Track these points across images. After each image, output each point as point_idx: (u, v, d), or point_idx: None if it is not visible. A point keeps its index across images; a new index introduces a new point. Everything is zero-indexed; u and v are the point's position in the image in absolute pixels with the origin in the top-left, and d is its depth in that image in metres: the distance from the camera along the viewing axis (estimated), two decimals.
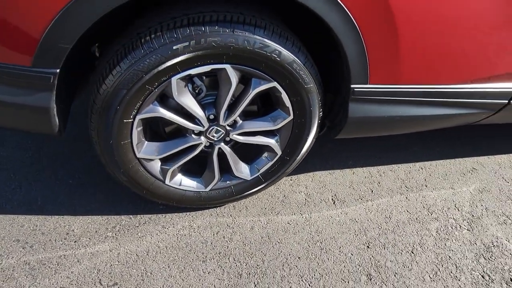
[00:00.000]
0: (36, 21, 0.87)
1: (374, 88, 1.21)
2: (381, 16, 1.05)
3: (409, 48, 1.15)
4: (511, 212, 1.65)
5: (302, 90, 1.17)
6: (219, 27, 0.99)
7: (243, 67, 1.08)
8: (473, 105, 1.41)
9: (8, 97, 0.99)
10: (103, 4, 0.87)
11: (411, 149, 1.94)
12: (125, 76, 1.00)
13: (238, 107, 1.18)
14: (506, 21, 1.18)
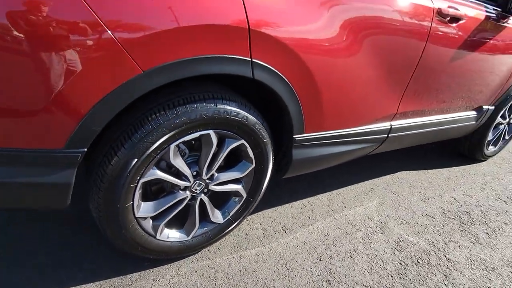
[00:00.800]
0: (76, 111, 1.05)
1: (308, 136, 1.66)
2: (310, 87, 1.51)
3: (327, 107, 1.64)
4: (404, 215, 2.25)
5: (262, 143, 1.54)
6: (206, 103, 1.31)
7: (222, 131, 1.40)
8: (368, 140, 1.98)
9: (30, 178, 1.10)
10: (131, 95, 1.11)
11: (325, 181, 2.45)
12: (136, 148, 1.22)
13: (215, 163, 1.48)
14: (379, 85, 1.79)
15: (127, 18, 1.02)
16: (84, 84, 1.03)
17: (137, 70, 1.08)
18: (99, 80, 1.05)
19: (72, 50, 0.99)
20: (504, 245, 2.16)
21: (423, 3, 1.74)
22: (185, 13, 1.10)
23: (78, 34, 0.97)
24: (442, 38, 1.89)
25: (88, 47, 1.00)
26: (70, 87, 1.02)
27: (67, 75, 1.01)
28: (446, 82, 2.14)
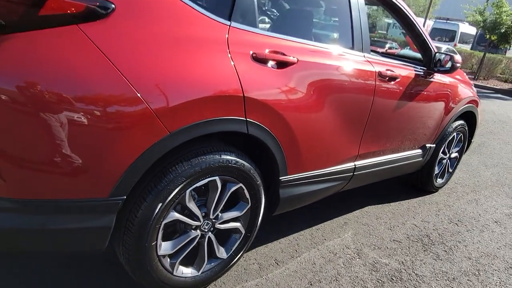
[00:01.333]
0: (119, 166, 1.35)
1: (291, 177, 2.02)
2: (290, 138, 1.90)
3: (304, 153, 2.02)
4: (376, 242, 2.60)
5: (256, 185, 1.87)
6: (213, 155, 1.64)
7: (225, 176, 1.73)
8: (339, 178, 2.38)
9: (80, 224, 1.35)
10: (161, 151, 1.43)
11: (305, 219, 2.78)
12: (161, 194, 1.51)
13: (220, 204, 1.78)
14: (342, 133, 2.23)
15: (157, 92, 1.38)
16: (127, 145, 1.35)
17: (164, 132, 1.42)
18: (138, 141, 1.37)
19: (117, 117, 1.31)
20: (460, 259, 2.55)
21: (367, 69, 2.26)
22: (198, 87, 1.48)
23: (121, 105, 1.31)
24: (385, 93, 2.40)
25: (130, 115, 1.33)
26: (116, 147, 1.33)
27: (114, 139, 1.32)
28: (394, 127, 2.64)
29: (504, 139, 6.38)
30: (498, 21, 14.19)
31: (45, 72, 1.19)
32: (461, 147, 3.69)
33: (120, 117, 1.31)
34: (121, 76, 1.29)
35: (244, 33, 1.68)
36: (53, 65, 1.20)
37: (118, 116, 1.30)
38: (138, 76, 1.33)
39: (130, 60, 1.32)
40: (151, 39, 1.39)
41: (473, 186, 3.98)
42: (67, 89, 1.22)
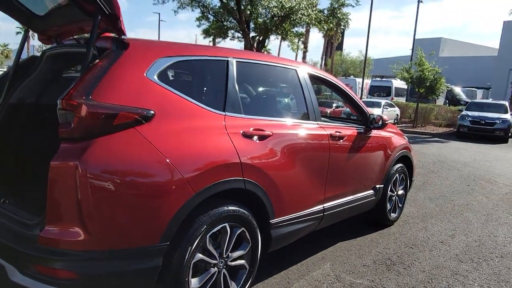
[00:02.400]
0: (164, 220, 1.91)
1: (278, 220, 2.64)
2: (274, 190, 2.55)
3: (284, 200, 2.66)
4: (350, 268, 3.20)
5: (253, 228, 2.46)
6: (223, 207, 2.24)
7: (232, 222, 2.32)
8: (313, 219, 3.02)
9: (139, 266, 1.86)
10: (191, 206, 2.02)
11: (289, 257, 3.33)
12: (191, 239, 2.06)
13: (230, 245, 2.35)
14: (310, 182, 2.92)
15: (186, 165, 2.01)
16: (170, 204, 1.94)
17: (192, 193, 2.03)
18: (176, 200, 1.97)
19: (164, 186, 1.92)
20: (416, 273, 3.20)
21: (322, 133, 3.05)
22: (211, 159, 2.14)
23: (166, 177, 1.92)
24: (337, 149, 3.19)
25: (171, 183, 1.94)
26: (163, 207, 1.92)
27: (163, 201, 1.92)
28: (349, 174, 3.40)
29: (443, 176, 7.43)
30: (422, 77, 16.45)
31: (120, 159, 1.81)
32: (405, 185, 4.52)
33: (165, 185, 1.92)
34: (164, 157, 1.93)
35: (234, 119, 2.40)
36: (123, 154, 1.82)
37: (164, 185, 1.92)
38: (174, 156, 1.97)
39: (168, 145, 1.97)
40: (178, 130, 2.06)
41: (421, 217, 4.76)
42: (133, 168, 1.83)
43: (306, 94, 3.08)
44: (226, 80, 2.44)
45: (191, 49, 2.44)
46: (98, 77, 1.85)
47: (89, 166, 1.74)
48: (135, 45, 2.08)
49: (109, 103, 1.83)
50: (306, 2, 12.19)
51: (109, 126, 1.81)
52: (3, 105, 2.63)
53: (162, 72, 2.11)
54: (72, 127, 1.75)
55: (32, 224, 1.91)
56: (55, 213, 1.77)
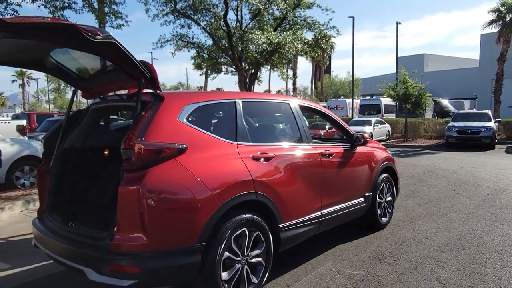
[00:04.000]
0: (200, 225, 2.55)
1: (284, 224, 3.28)
2: (279, 200, 3.21)
3: (288, 208, 3.31)
4: (349, 264, 3.81)
5: (266, 231, 3.09)
6: (241, 215, 2.89)
7: (249, 227, 2.95)
8: (313, 223, 3.66)
9: (183, 261, 2.48)
10: (219, 213, 2.67)
11: (295, 259, 3.93)
12: (221, 240, 2.69)
13: (249, 246, 2.97)
14: (309, 192, 3.58)
15: (213, 184, 2.68)
16: (204, 213, 2.59)
17: (218, 204, 2.69)
18: (209, 210, 2.62)
19: (200, 199, 2.58)
20: (404, 262, 3.81)
21: (314, 152, 3.74)
22: (231, 177, 2.81)
23: (201, 193, 2.59)
24: (328, 165, 3.87)
25: (204, 197, 2.60)
26: (200, 215, 2.57)
27: (200, 211, 2.57)
28: (340, 185, 4.07)
29: (432, 184, 8.10)
30: (408, 94, 17.41)
31: (168, 182, 2.49)
32: (392, 192, 5.18)
33: (200, 199, 2.59)
34: (197, 178, 2.61)
35: (244, 146, 3.09)
36: (170, 178, 2.50)
37: (199, 199, 2.58)
38: (204, 177, 2.65)
39: (199, 170, 2.65)
40: (205, 158, 2.75)
41: (410, 220, 5.39)
42: (177, 188, 2.52)
43: (298, 122, 3.79)
44: (235, 117, 3.15)
45: (208, 95, 3.17)
46: (147, 123, 2.55)
47: (147, 188, 2.41)
48: (168, 97, 2.80)
49: (156, 142, 2.52)
50: (291, 37, 13.27)
51: (158, 158, 2.50)
52: (59, 149, 3.31)
53: (189, 115, 2.82)
54: (133, 161, 2.43)
55: (102, 236, 2.55)
56: (123, 225, 2.42)
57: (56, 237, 2.90)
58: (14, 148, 7.70)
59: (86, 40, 2.30)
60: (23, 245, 4.49)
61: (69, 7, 8.69)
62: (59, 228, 2.97)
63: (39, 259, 3.88)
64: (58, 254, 2.82)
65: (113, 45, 2.43)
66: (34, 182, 7.95)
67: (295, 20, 14.93)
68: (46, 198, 3.30)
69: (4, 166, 7.45)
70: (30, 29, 2.18)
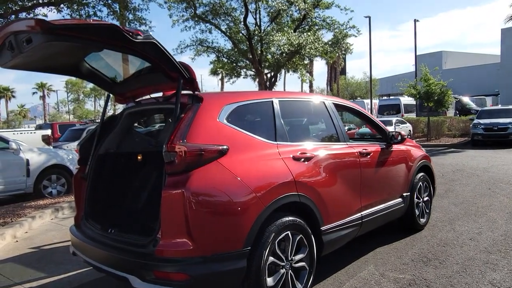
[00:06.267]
0: (245, 229, 2.45)
1: (326, 227, 3.15)
2: (321, 201, 3.08)
3: (329, 209, 3.18)
4: (392, 267, 3.64)
5: (308, 234, 2.96)
6: (286, 217, 2.77)
7: (292, 230, 2.83)
8: (354, 225, 3.51)
9: (231, 266, 2.37)
10: (264, 216, 2.56)
11: (336, 264, 3.79)
12: (264, 245, 2.57)
13: (292, 250, 2.85)
14: (348, 193, 3.44)
15: (257, 185, 2.58)
16: (248, 216, 2.49)
17: (262, 206, 2.58)
18: (253, 213, 2.51)
19: (244, 202, 2.48)
20: (451, 265, 3.62)
21: (352, 151, 3.61)
22: (274, 178, 2.71)
23: (245, 195, 2.49)
24: (366, 164, 3.73)
25: (248, 200, 2.50)
26: (245, 219, 2.47)
27: (244, 215, 2.47)
28: (378, 184, 3.91)
29: (464, 183, 7.81)
30: (430, 92, 17.01)
31: (211, 184, 2.40)
32: (429, 192, 4.97)
33: (244, 201, 2.49)
34: (241, 180, 2.51)
35: (284, 146, 2.99)
36: (213, 180, 2.42)
37: (244, 201, 2.48)
38: (247, 179, 2.55)
39: (242, 171, 2.55)
40: (246, 159, 2.65)
41: (448, 220, 5.17)
42: (222, 190, 2.43)
43: (334, 120, 3.67)
44: (273, 116, 3.05)
45: (245, 95, 3.08)
46: (188, 125, 2.47)
47: (192, 191, 2.32)
48: (207, 98, 2.72)
49: (198, 144, 2.44)
50: (312, 37, 13.15)
51: (200, 160, 2.41)
52: (94, 156, 3.28)
53: (228, 115, 2.73)
54: (175, 164, 2.35)
55: (145, 242, 2.48)
56: (168, 230, 2.34)
57: (96, 244, 2.84)
58: (41, 158, 7.81)
59: (127, 41, 2.25)
60: (57, 253, 4.48)
61: (95, 15, 8.84)
62: (98, 235, 2.92)
63: (74, 267, 3.85)
64: (99, 261, 2.76)
65: (153, 46, 2.37)
66: (61, 191, 8.05)
67: (314, 21, 14.81)
68: (82, 205, 3.26)
69: (32, 176, 7.56)
70: (73, 31, 2.14)
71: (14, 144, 7.39)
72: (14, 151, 7.35)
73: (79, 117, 48.94)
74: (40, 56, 2.60)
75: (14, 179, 7.33)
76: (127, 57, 2.91)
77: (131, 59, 2.89)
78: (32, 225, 5.67)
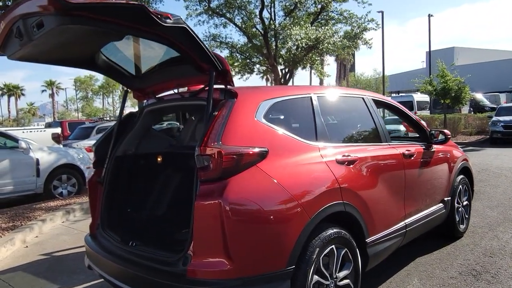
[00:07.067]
0: (288, 247, 2.10)
1: (371, 239, 2.80)
2: (365, 210, 2.72)
3: (374, 219, 2.83)
4: (438, 282, 3.27)
5: (354, 248, 2.61)
6: (329, 229, 2.43)
7: (337, 244, 2.48)
8: (398, 235, 3.15)
9: None
10: (309, 230, 2.21)
11: (376, 278, 3.43)
12: (308, 261, 2.23)
13: (337, 266, 2.50)
14: (392, 200, 3.08)
15: (300, 194, 2.23)
16: (292, 231, 2.15)
17: (307, 218, 2.24)
18: (296, 227, 2.17)
19: (286, 214, 2.14)
20: (506, 280, 3.24)
21: (395, 152, 3.24)
22: (318, 186, 2.36)
23: (287, 204, 2.15)
24: (410, 166, 3.36)
25: (292, 210, 2.16)
26: (288, 234, 2.13)
27: (287, 230, 2.13)
28: (422, 189, 3.54)
29: (493, 184, 7.38)
30: (447, 88, 16.48)
31: (251, 194, 2.06)
32: (468, 196, 4.58)
33: (288, 213, 2.14)
34: (283, 188, 2.16)
35: (326, 148, 2.63)
36: (253, 189, 2.08)
37: (288, 213, 2.14)
38: (290, 186, 2.20)
39: (283, 178, 2.21)
40: (287, 163, 2.30)
41: (488, 226, 4.77)
42: (263, 201, 2.08)
43: (374, 118, 3.30)
44: (313, 114, 2.69)
45: (282, 90, 2.73)
46: (223, 124, 2.13)
47: (230, 202, 1.98)
48: (241, 93, 2.38)
49: (236, 146, 2.09)
50: (331, 31, 12.69)
51: (239, 165, 2.07)
52: (111, 158, 2.95)
53: (266, 113, 2.38)
54: (211, 170, 2.01)
55: (173, 260, 2.14)
56: (201, 246, 2.01)
57: (114, 258, 2.52)
58: (51, 157, 7.54)
59: (154, 25, 1.91)
60: (69, 261, 4.18)
61: None
62: (117, 248, 2.59)
63: (89, 278, 3.54)
64: (118, 278, 2.44)
65: (183, 31, 2.03)
66: (72, 191, 7.78)
67: (330, 15, 14.33)
68: (98, 212, 2.93)
69: (42, 176, 7.29)
70: (94, 12, 1.80)
71: (23, 143, 7.13)
72: (23, 150, 7.08)
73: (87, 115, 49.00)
74: (52, 45, 2.27)
75: (23, 179, 7.07)
76: (149, 46, 2.58)
77: (154, 49, 2.55)
78: (42, 228, 5.38)
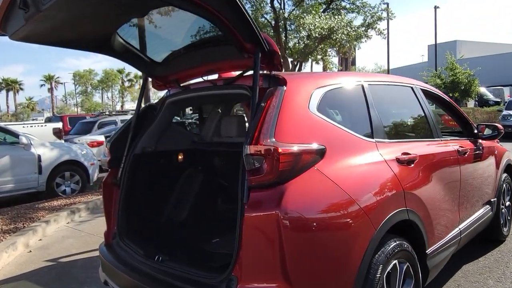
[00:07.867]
0: (357, 259, 1.74)
1: (431, 249, 2.42)
2: (426, 218, 2.34)
3: (433, 228, 2.45)
4: (486, 285, 2.90)
5: (415, 263, 2.24)
6: (391, 242, 2.05)
7: (400, 259, 2.10)
8: (454, 243, 2.78)
9: None
10: (377, 241, 1.84)
11: None
12: (373, 282, 1.87)
13: (400, 284, 2.12)
14: (448, 205, 2.70)
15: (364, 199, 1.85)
16: (359, 245, 1.77)
17: (373, 229, 1.86)
18: (363, 239, 1.79)
19: (349, 224, 1.76)
20: None
21: (450, 149, 2.86)
22: (382, 190, 1.98)
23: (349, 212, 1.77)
24: (465, 163, 2.98)
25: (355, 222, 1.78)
26: (354, 250, 1.75)
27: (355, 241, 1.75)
28: (473, 190, 3.16)
29: None
30: (456, 81, 16.11)
31: (313, 202, 1.68)
32: (510, 196, 4.21)
33: (354, 224, 1.77)
34: (346, 194, 1.78)
35: (383, 145, 2.24)
36: (314, 196, 1.70)
37: (353, 224, 1.76)
38: (353, 191, 1.82)
39: (344, 181, 1.83)
40: (347, 164, 1.92)
41: None
42: (327, 211, 1.71)
43: (425, 111, 2.92)
44: (367, 105, 2.31)
45: (332, 76, 2.34)
46: (274, 116, 1.74)
47: (289, 214, 1.60)
48: (291, 80, 1.98)
49: (293, 143, 1.70)
50: (345, 20, 12.21)
51: (296, 167, 1.68)
52: (129, 156, 2.56)
53: (319, 104, 1.99)
54: (264, 173, 1.62)
55: (214, 282, 1.76)
56: (251, 268, 1.63)
57: (136, 275, 2.14)
58: (54, 153, 7.14)
59: None
60: (78, 268, 3.80)
61: None
62: (140, 263, 2.21)
63: None
64: None
65: (231, 3, 1.63)
66: (76, 189, 7.40)
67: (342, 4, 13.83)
68: (115, 219, 2.55)
69: (45, 173, 6.90)
70: None
71: (24, 139, 6.72)
72: (24, 146, 6.68)
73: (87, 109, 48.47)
74: (63, 20, 1.87)
75: (25, 176, 6.68)
76: (175, 26, 2.18)
77: (182, 28, 2.15)
78: (46, 230, 5.01)
